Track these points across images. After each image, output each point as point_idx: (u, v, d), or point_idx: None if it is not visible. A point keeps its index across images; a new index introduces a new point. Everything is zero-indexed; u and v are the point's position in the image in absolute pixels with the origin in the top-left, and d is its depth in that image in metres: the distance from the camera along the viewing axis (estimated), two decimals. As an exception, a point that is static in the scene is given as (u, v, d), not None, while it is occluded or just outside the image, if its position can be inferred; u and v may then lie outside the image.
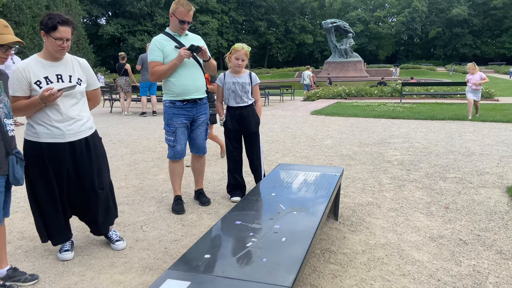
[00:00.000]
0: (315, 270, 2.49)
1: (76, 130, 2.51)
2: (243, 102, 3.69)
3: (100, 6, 59.03)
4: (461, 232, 3.04)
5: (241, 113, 3.70)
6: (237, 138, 3.82)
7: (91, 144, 2.60)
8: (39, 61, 2.43)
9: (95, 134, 2.67)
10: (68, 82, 2.49)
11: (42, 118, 2.43)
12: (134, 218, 3.39)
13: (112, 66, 51.61)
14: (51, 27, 2.31)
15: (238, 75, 3.68)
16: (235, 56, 3.57)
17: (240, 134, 3.81)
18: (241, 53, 3.55)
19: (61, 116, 2.45)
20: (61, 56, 2.46)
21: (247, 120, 3.72)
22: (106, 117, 11.17)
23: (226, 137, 3.85)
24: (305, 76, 19.74)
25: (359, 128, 8.26)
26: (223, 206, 3.67)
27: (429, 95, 15.08)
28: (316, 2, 73.48)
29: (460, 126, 8.23)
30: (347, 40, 38.48)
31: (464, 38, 66.76)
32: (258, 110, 3.83)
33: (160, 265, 2.57)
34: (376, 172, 4.77)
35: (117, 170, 5.02)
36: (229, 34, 68.30)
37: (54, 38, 2.33)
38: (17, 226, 3.22)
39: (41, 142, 2.44)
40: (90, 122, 2.65)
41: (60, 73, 2.47)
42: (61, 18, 2.33)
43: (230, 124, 3.74)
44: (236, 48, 3.57)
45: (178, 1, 3.28)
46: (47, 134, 2.44)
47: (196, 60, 3.41)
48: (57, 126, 2.44)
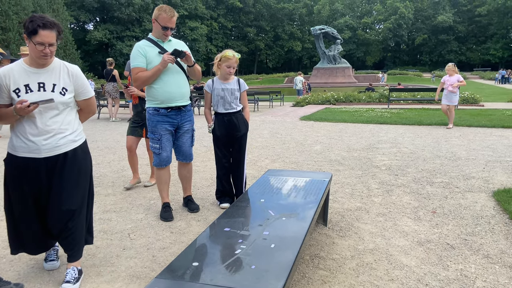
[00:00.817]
0: (304, 276, 2.48)
1: (54, 144, 2.28)
2: (232, 108, 3.69)
3: (87, 12, 58.66)
4: (448, 236, 3.07)
5: (230, 119, 3.70)
6: (226, 145, 3.80)
7: (69, 160, 2.34)
8: (23, 67, 2.23)
9: (79, 148, 2.41)
10: (51, 91, 2.26)
11: (20, 130, 2.25)
12: (121, 226, 3.35)
13: (100, 72, 51.24)
14: (31, 30, 2.12)
15: (227, 82, 3.68)
16: (227, 64, 3.56)
17: (229, 140, 3.79)
18: (232, 61, 3.56)
19: (37, 129, 2.24)
20: (44, 62, 2.24)
21: (236, 125, 3.71)
22: (94, 123, 11.06)
23: (214, 144, 3.83)
24: (297, 81, 20.52)
25: (348, 133, 8.32)
26: (212, 213, 3.65)
27: (416, 101, 15.27)
28: (304, 9, 74.13)
29: (446, 132, 8.34)
30: (335, 46, 38.82)
31: (449, 45, 67.92)
32: (246, 116, 3.83)
33: (148, 273, 2.54)
34: (365, 177, 4.80)
35: (104, 177, 4.96)
36: (218, 40, 68.46)
37: (35, 43, 2.13)
38: (2, 235, 3.16)
39: (18, 156, 2.26)
40: (75, 135, 2.39)
41: (43, 81, 2.25)
42: (43, 21, 2.13)
43: (219, 131, 3.73)
44: (228, 56, 3.56)
45: (160, 7, 3.26)
46: (23, 148, 2.25)
47: (180, 66, 3.39)
48: (32, 140, 2.24)
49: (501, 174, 4.82)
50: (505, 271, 2.52)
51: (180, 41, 3.50)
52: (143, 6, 59.29)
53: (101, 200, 4.05)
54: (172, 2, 61.33)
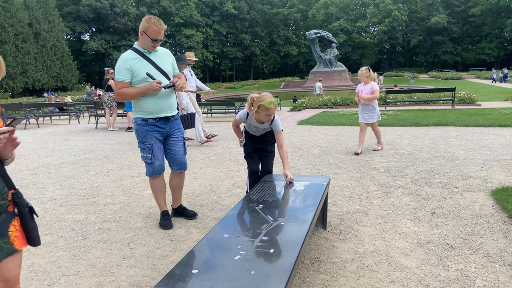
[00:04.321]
0: (304, 280, 2.48)
1: None
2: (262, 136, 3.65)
3: (83, 22, 58.87)
4: (448, 236, 3.07)
5: (259, 138, 3.63)
6: (257, 154, 3.70)
7: None
8: None
9: None
10: None
11: None
12: (121, 235, 3.35)
13: (97, 82, 51.34)
14: None
15: (261, 123, 3.49)
16: (266, 113, 3.29)
17: (258, 150, 3.70)
18: (272, 110, 3.28)
19: None
20: None
21: (265, 141, 3.64)
22: (92, 133, 11.06)
23: (247, 156, 3.68)
24: (316, 87, 23.90)
25: (346, 136, 8.33)
26: (211, 220, 3.65)
27: (412, 102, 15.32)
28: (299, 14, 74.54)
29: (443, 132, 8.36)
30: (331, 50, 39.02)
31: (444, 46, 68.31)
32: (283, 155, 3.44)
33: (148, 282, 2.53)
34: (363, 180, 4.81)
35: (103, 187, 4.96)
36: (214, 47, 68.74)
37: None
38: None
39: None
40: None
41: None
42: None
43: (251, 144, 3.65)
44: (267, 106, 3.23)
45: (149, 19, 3.22)
46: None
47: (169, 78, 3.41)
48: None
49: (499, 173, 4.83)
50: (505, 269, 2.53)
51: (165, 50, 3.51)
52: (138, 15, 59.52)
53: (100, 209, 4.04)
54: (167, 11, 61.62)
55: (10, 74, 43.93)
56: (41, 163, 6.64)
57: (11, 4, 44.32)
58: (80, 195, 4.62)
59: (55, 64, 50.54)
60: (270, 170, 3.75)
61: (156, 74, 3.29)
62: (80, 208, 4.11)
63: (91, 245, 3.14)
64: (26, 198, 4.27)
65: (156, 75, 3.29)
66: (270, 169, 3.75)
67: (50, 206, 4.20)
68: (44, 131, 12.13)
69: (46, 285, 2.53)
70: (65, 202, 4.36)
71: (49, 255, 2.99)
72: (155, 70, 3.32)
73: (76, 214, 3.93)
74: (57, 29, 51.25)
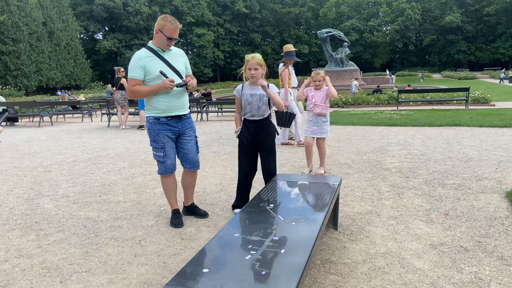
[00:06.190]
0: (315, 281, 2.46)
1: None
2: (258, 115, 3.57)
3: (96, 22, 59.44)
4: (462, 238, 3.03)
5: (257, 127, 3.59)
6: (251, 151, 3.67)
7: None
8: None
9: None
10: None
11: None
12: (132, 233, 3.37)
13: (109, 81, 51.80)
14: None
15: (255, 87, 3.55)
16: (248, 67, 3.46)
17: (255, 148, 3.66)
18: (251, 63, 3.44)
19: None
20: None
21: (263, 133, 3.60)
22: (104, 131, 11.16)
23: (240, 150, 3.70)
24: (353, 85, 24.65)
25: (357, 136, 8.27)
26: (221, 219, 3.65)
27: (425, 102, 15.15)
28: (310, 13, 74.23)
29: (457, 132, 8.25)
30: (342, 49, 38.74)
31: (458, 45, 67.39)
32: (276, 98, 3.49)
33: (159, 280, 2.54)
34: (375, 180, 4.76)
35: (115, 184, 4.99)
36: (225, 46, 68.85)
37: None
38: (14, 244, 3.19)
39: None
40: None
41: None
42: None
43: (245, 136, 3.62)
44: (247, 58, 3.47)
45: (165, 18, 3.25)
46: None
47: (181, 76, 3.42)
48: None
49: (514, 175, 4.75)
50: (521, 273, 2.47)
51: (179, 50, 3.52)
52: (151, 14, 59.93)
53: (112, 207, 4.08)
54: (179, 10, 61.89)
55: (25, 73, 44.61)
56: (55, 161, 6.72)
57: (25, 3, 45.00)
58: (93, 192, 4.66)
59: (68, 63, 51.20)
60: (273, 170, 3.68)
61: (169, 73, 3.31)
62: (92, 206, 4.15)
63: (103, 242, 3.17)
64: (40, 195, 4.33)
65: (169, 74, 3.31)
66: (273, 169, 3.68)
67: (63, 203, 4.25)
68: (58, 129, 12.29)
69: (58, 282, 2.56)
70: (78, 199, 4.40)
71: (61, 252, 3.02)
72: (168, 69, 3.33)
73: (88, 211, 3.97)
74: (71, 28, 51.91)
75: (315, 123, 5.06)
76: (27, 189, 4.87)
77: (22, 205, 4.24)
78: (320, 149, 5.20)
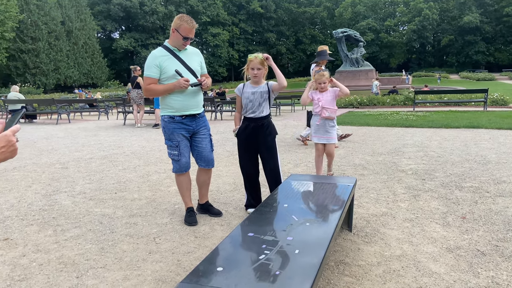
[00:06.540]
0: (329, 282, 2.45)
1: None
2: (260, 112, 3.60)
3: (113, 21, 60.18)
4: (479, 242, 2.97)
5: (257, 125, 3.62)
6: (250, 150, 3.71)
7: None
8: None
9: None
10: None
11: None
12: (147, 230, 3.40)
13: (125, 79, 52.44)
14: None
15: (257, 85, 3.62)
16: (251, 67, 3.54)
17: (254, 146, 3.70)
18: (254, 63, 3.51)
19: None
20: None
21: (262, 132, 3.63)
22: (120, 129, 11.30)
23: (239, 149, 3.77)
24: (374, 85, 24.82)
25: (372, 137, 8.19)
26: (235, 218, 3.66)
27: (442, 103, 14.92)
28: (325, 12, 73.80)
29: (475, 134, 8.10)
30: (358, 49, 38.43)
31: (477, 45, 66.18)
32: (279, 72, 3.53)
33: (173, 277, 2.56)
34: (390, 182, 4.71)
35: (130, 182, 5.05)
36: (240, 45, 68.96)
37: None
38: (32, 239, 3.25)
39: None
40: None
41: None
42: None
43: (244, 135, 3.67)
44: (250, 58, 3.56)
45: (181, 17, 3.28)
46: None
47: (196, 76, 3.45)
48: None
49: (534, 178, 4.64)
50: (540, 279, 2.42)
51: (195, 49, 3.55)
52: (167, 14, 60.40)
53: (127, 204, 4.13)
54: (195, 9, 62.23)
55: (43, 71, 45.48)
56: (72, 158, 6.83)
57: (45, 3, 45.86)
58: (108, 189, 4.72)
59: (86, 62, 52.01)
60: (276, 168, 3.68)
61: (184, 72, 3.34)
62: (108, 202, 4.20)
63: (118, 239, 3.21)
64: (57, 191, 4.40)
65: (184, 73, 3.33)
66: (276, 167, 3.68)
67: (80, 200, 4.32)
68: (75, 127, 12.49)
69: (75, 277, 2.60)
70: (94, 196, 4.47)
71: (78, 247, 3.07)
72: (183, 68, 3.36)
73: (104, 208, 4.03)
74: (88, 27, 52.71)
75: (323, 127, 4.60)
76: (45, 185, 4.96)
77: (40, 200, 4.32)
78: (330, 155, 4.76)
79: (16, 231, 3.42)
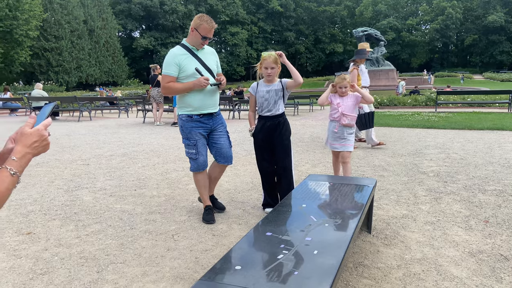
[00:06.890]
0: (348, 284, 2.42)
1: None
2: (276, 110, 3.61)
3: (134, 20, 60.97)
4: (502, 247, 2.89)
5: (273, 123, 3.63)
6: (266, 149, 3.70)
7: None
8: None
9: None
10: None
11: None
12: (165, 227, 3.43)
13: (145, 78, 53.18)
14: None
15: (270, 84, 3.63)
16: (264, 66, 3.53)
17: (270, 145, 3.69)
18: (268, 62, 3.49)
19: None
20: None
21: (278, 131, 3.63)
22: (139, 127, 11.45)
23: (255, 148, 3.78)
24: (400, 86, 25.29)
25: (392, 138, 8.07)
26: (253, 217, 3.66)
27: (465, 104, 14.59)
28: (345, 11, 73.07)
29: (499, 136, 7.89)
30: (378, 48, 37.92)
31: (501, 45, 64.47)
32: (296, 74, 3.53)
33: (191, 274, 2.58)
34: (411, 184, 4.63)
35: (149, 179, 5.11)
36: (259, 44, 68.92)
37: None
38: (54, 234, 3.32)
39: None
40: None
41: None
42: None
43: (260, 135, 3.68)
44: (264, 57, 3.53)
45: (201, 17, 3.32)
46: None
47: (213, 75, 3.48)
48: None
49: (562, 183, 4.49)
50: None
51: (211, 48, 3.59)
52: (186, 13, 60.85)
53: (146, 201, 4.17)
54: (214, 8, 62.53)
55: (66, 69, 46.44)
56: (93, 154, 6.95)
57: (68, 2, 46.80)
58: (128, 186, 4.79)
59: (107, 60, 52.90)
60: (288, 166, 3.67)
61: (203, 71, 3.36)
62: (128, 199, 4.26)
63: (138, 235, 3.25)
64: (79, 187, 4.48)
65: (203, 72, 3.36)
66: (288, 165, 3.67)
67: (101, 196, 4.39)
68: (96, 124, 12.72)
69: (95, 272, 2.64)
70: (114, 192, 4.53)
71: (98, 242, 3.12)
72: (201, 67, 3.39)
73: (124, 204, 4.08)
74: (110, 26, 53.59)
75: (341, 134, 4.18)
76: (67, 181, 5.06)
77: (62, 196, 4.41)
78: (345, 164, 4.21)
79: (39, 226, 3.50)
